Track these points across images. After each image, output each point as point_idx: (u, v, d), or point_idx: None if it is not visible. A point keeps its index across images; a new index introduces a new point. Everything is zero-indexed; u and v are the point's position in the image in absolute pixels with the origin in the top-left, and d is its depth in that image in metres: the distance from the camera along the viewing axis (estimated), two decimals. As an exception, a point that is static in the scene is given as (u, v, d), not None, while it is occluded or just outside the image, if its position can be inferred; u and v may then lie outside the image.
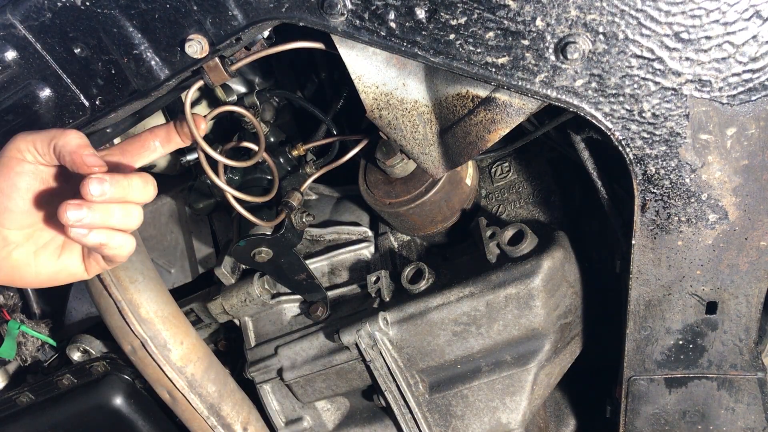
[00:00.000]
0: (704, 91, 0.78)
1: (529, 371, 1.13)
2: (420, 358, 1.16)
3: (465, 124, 0.94)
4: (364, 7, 0.81)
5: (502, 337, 1.12)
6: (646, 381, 1.08)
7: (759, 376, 1.03)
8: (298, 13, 0.83)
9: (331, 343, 1.22)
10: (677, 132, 0.81)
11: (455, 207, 1.20)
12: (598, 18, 0.75)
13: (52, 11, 0.86)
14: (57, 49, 0.89)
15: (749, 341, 1.00)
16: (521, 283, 1.07)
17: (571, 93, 0.80)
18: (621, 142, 0.83)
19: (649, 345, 1.04)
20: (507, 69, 0.81)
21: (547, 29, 0.77)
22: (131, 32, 0.88)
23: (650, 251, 0.93)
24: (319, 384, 1.26)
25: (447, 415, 1.18)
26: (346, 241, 1.33)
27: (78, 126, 0.97)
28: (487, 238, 1.12)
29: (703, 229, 0.89)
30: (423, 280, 1.15)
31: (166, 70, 0.91)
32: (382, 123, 1.00)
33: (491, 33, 0.79)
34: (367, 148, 1.20)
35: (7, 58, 0.89)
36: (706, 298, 0.96)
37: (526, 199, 1.22)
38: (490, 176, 1.27)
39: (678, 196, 0.86)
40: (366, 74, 0.95)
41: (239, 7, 0.84)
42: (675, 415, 1.11)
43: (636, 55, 0.76)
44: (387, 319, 1.15)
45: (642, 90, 0.79)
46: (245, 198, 1.13)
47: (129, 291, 1.26)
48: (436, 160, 1.03)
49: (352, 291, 1.29)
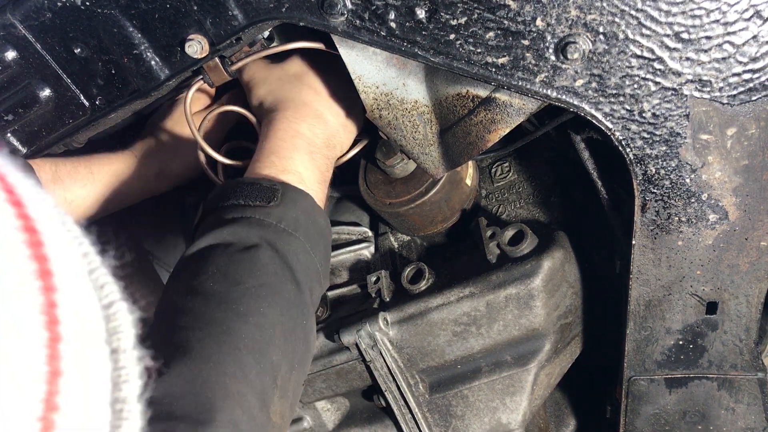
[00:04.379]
0: (704, 91, 0.78)
1: (530, 371, 1.12)
2: (420, 358, 1.16)
3: (465, 124, 0.94)
4: (365, 7, 0.81)
5: (503, 338, 1.12)
6: (646, 381, 1.08)
7: (759, 377, 1.03)
8: (298, 13, 0.83)
9: (331, 343, 1.22)
10: (677, 132, 0.81)
11: (455, 207, 1.20)
12: (598, 18, 0.75)
13: (52, 11, 0.86)
14: (57, 49, 0.89)
15: (749, 341, 1.00)
16: (521, 283, 1.07)
17: (572, 93, 0.80)
18: (621, 142, 0.83)
19: (649, 345, 1.04)
20: (507, 69, 0.81)
21: (547, 29, 0.77)
22: (131, 32, 0.88)
23: (650, 251, 0.93)
24: (319, 384, 1.26)
25: (447, 415, 1.18)
26: (346, 241, 1.33)
27: (78, 126, 0.97)
28: (488, 238, 1.12)
29: (703, 229, 0.89)
30: (423, 280, 1.15)
31: (166, 70, 0.91)
32: (382, 123, 1.00)
33: (491, 33, 0.79)
34: (367, 148, 1.20)
35: (7, 57, 0.89)
36: (706, 299, 0.96)
37: (527, 199, 1.22)
38: (490, 176, 1.27)
39: (678, 196, 0.86)
40: (366, 74, 0.95)
41: (239, 7, 0.84)
42: (675, 416, 1.11)
43: (636, 55, 0.76)
44: (387, 319, 1.15)
45: (642, 90, 0.79)
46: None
47: (129, 291, 1.27)
48: (436, 160, 1.03)
49: (352, 291, 1.29)
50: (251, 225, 0.84)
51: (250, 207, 0.86)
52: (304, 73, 1.06)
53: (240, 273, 0.80)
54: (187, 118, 1.03)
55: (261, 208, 0.86)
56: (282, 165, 0.95)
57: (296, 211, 0.89)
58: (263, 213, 0.85)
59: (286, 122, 1.01)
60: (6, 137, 0.97)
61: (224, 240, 0.83)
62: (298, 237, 0.87)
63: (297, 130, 1.00)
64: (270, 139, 0.99)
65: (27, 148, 1.00)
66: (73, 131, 0.99)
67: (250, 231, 0.84)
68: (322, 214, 0.95)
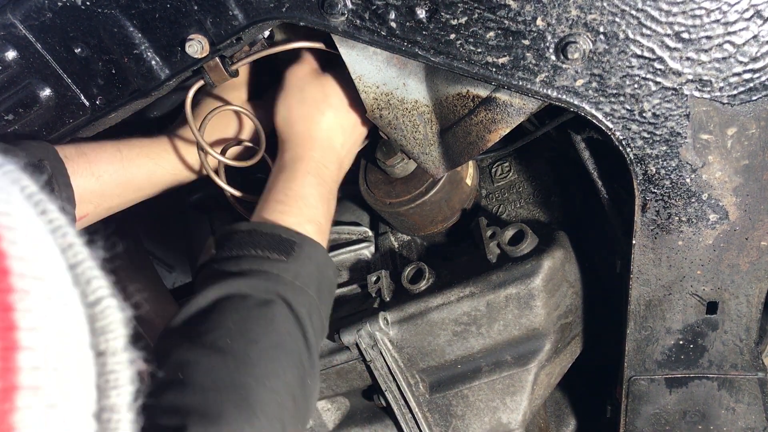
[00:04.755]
0: (705, 91, 0.78)
1: (530, 371, 1.12)
2: (420, 358, 1.16)
3: (465, 124, 0.94)
4: (365, 6, 0.81)
5: (503, 337, 1.12)
6: (646, 381, 1.08)
7: (759, 376, 1.03)
8: (299, 12, 0.83)
9: (331, 343, 1.22)
10: (678, 132, 0.81)
11: (455, 207, 1.20)
12: (598, 18, 0.75)
13: (53, 11, 0.85)
14: (57, 49, 0.89)
15: (750, 341, 1.00)
16: (522, 283, 1.07)
17: (572, 93, 0.80)
18: (621, 142, 0.83)
19: (650, 345, 1.04)
20: (507, 69, 0.81)
21: (547, 29, 0.77)
22: (131, 32, 0.87)
23: (651, 251, 0.93)
24: (319, 384, 1.26)
25: (447, 415, 1.18)
26: (347, 240, 1.33)
27: (78, 126, 0.97)
28: (488, 238, 1.12)
29: (703, 229, 0.89)
30: (423, 280, 1.15)
31: (166, 70, 0.91)
32: (382, 123, 1.00)
33: (492, 33, 0.79)
34: (367, 148, 1.20)
35: (7, 57, 0.89)
36: (706, 298, 0.96)
37: (527, 199, 1.22)
38: (490, 176, 1.27)
39: (678, 196, 0.86)
40: (366, 74, 0.95)
41: (240, 6, 0.84)
42: (675, 415, 1.11)
43: (636, 54, 0.76)
44: (387, 319, 1.15)
45: (642, 90, 0.79)
46: (245, 197, 1.13)
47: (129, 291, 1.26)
48: (436, 160, 1.03)
49: (352, 291, 1.29)
50: (268, 279, 0.85)
51: (268, 260, 0.86)
52: (325, 100, 1.05)
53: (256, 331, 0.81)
54: (188, 118, 1.03)
55: (279, 262, 0.87)
56: (308, 214, 0.96)
57: (311, 266, 0.90)
58: (280, 268, 0.86)
59: (314, 165, 1.01)
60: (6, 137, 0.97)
61: (240, 291, 0.83)
62: (311, 294, 0.88)
63: (323, 177, 1.01)
64: (297, 181, 0.99)
65: (27, 148, 1.00)
66: (74, 131, 0.99)
67: (267, 285, 0.84)
68: (332, 267, 0.96)
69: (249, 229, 0.90)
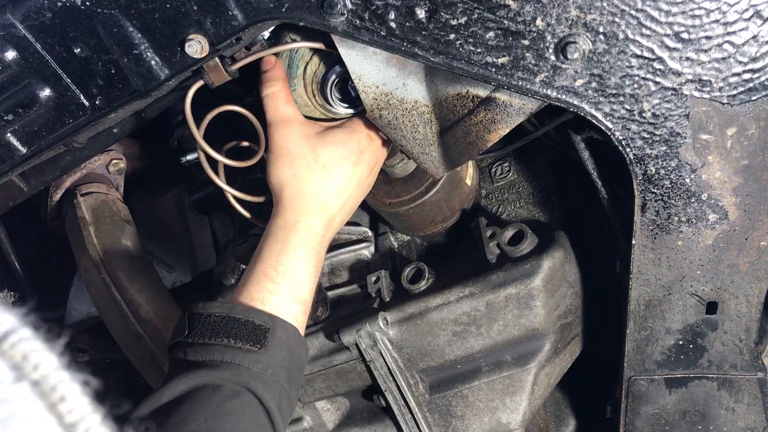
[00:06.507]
0: (704, 91, 0.78)
1: (529, 371, 1.12)
2: (420, 358, 1.16)
3: (465, 124, 0.94)
4: (365, 7, 0.81)
5: (502, 337, 1.12)
6: (646, 381, 1.08)
7: (759, 376, 1.03)
8: (298, 13, 0.83)
9: (331, 343, 1.22)
10: (677, 132, 0.81)
11: (455, 207, 1.20)
12: (598, 18, 0.75)
13: (52, 11, 0.85)
14: (57, 49, 0.89)
15: (749, 341, 1.00)
16: (521, 283, 1.07)
17: (572, 93, 0.80)
18: (621, 142, 0.83)
19: (650, 345, 1.04)
20: (507, 69, 0.81)
21: (547, 29, 0.77)
22: (131, 32, 0.87)
23: (650, 251, 0.93)
24: (319, 384, 1.26)
25: (447, 415, 1.18)
26: (346, 241, 1.33)
27: (78, 126, 0.97)
28: (487, 238, 1.12)
29: (703, 229, 0.89)
30: (423, 280, 1.15)
31: (166, 70, 0.91)
32: (382, 123, 1.00)
33: (491, 33, 0.79)
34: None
35: (7, 57, 0.89)
36: (706, 298, 0.96)
37: (526, 199, 1.22)
38: (490, 176, 1.27)
39: (678, 196, 0.86)
40: (366, 74, 0.95)
41: (239, 6, 0.84)
42: (675, 415, 1.11)
43: (636, 55, 0.76)
44: (387, 319, 1.15)
45: (642, 90, 0.79)
46: (245, 198, 1.13)
47: (129, 291, 1.26)
48: (436, 160, 1.03)
49: (352, 291, 1.29)
50: (239, 372, 0.87)
51: (240, 351, 0.88)
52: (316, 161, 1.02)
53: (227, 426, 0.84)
54: (188, 118, 1.03)
55: (250, 353, 0.89)
56: (296, 293, 0.96)
57: (282, 353, 0.92)
58: (251, 360, 0.88)
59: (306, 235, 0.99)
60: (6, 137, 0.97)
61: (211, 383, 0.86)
62: (281, 383, 0.91)
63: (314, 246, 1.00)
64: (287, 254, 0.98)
65: (27, 148, 1.00)
66: (74, 131, 0.99)
67: (239, 378, 0.87)
68: (303, 347, 0.97)
69: (223, 315, 0.91)
